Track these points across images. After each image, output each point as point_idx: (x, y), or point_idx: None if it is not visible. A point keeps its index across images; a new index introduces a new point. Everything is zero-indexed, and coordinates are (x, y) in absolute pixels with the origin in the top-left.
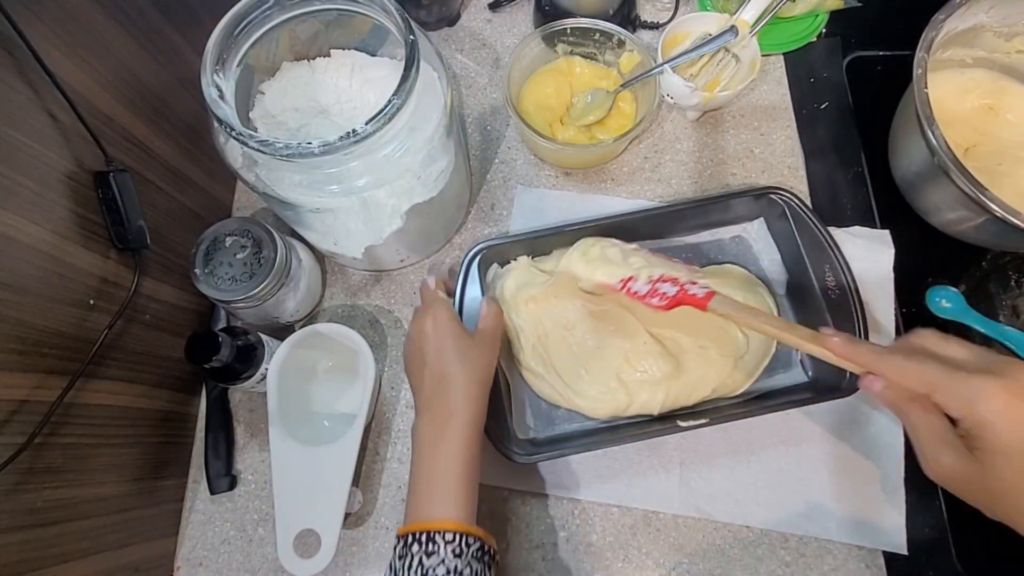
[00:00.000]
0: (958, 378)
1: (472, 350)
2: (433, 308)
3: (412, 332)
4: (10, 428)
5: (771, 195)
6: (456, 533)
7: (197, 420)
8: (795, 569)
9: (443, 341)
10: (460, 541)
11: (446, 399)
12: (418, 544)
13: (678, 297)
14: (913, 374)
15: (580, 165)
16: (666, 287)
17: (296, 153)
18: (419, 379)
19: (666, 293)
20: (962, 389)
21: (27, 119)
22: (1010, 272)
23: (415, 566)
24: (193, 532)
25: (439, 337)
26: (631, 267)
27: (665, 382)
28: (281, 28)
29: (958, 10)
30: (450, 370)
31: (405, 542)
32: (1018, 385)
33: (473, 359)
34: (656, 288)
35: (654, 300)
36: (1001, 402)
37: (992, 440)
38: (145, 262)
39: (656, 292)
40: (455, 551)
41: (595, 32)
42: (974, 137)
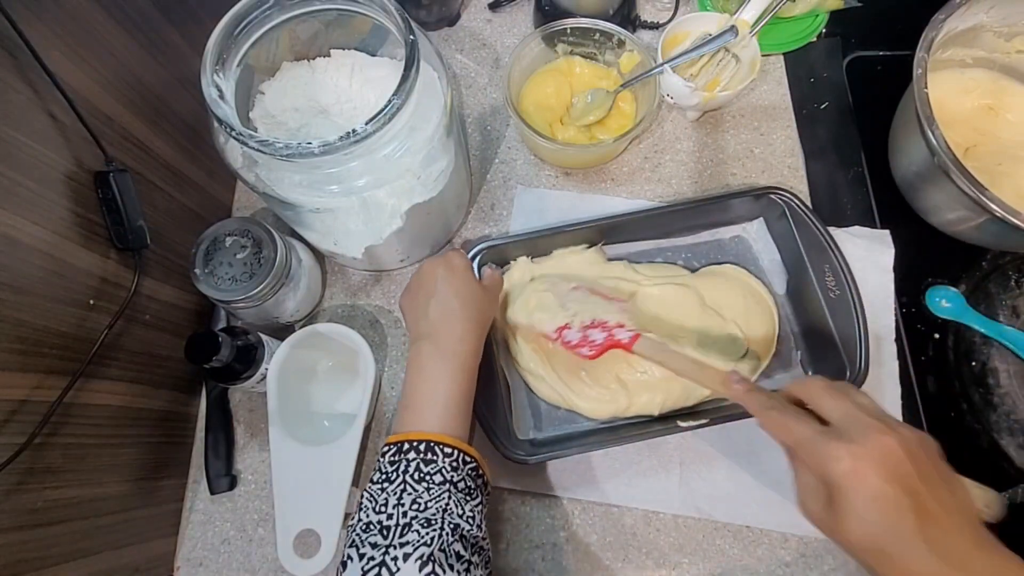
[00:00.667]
0: (817, 440)
1: (481, 297)
2: (451, 255)
3: (423, 269)
4: (10, 428)
5: (771, 195)
6: (455, 448)
7: (197, 420)
8: (795, 569)
9: (457, 281)
10: (458, 457)
11: (452, 330)
12: (415, 452)
13: (606, 344)
14: (783, 430)
15: (580, 165)
16: (595, 334)
17: (296, 153)
18: (422, 310)
19: (595, 341)
20: (818, 451)
21: (27, 119)
22: (1010, 272)
23: (411, 471)
24: (193, 532)
25: (454, 277)
26: (567, 313)
27: (664, 383)
28: (281, 28)
29: (958, 10)
30: (458, 306)
31: (399, 448)
32: (864, 450)
33: (481, 306)
34: (587, 336)
35: (583, 350)
36: (847, 466)
37: (843, 501)
38: (145, 262)
39: (586, 340)
40: (452, 464)
41: (595, 32)
42: (974, 137)
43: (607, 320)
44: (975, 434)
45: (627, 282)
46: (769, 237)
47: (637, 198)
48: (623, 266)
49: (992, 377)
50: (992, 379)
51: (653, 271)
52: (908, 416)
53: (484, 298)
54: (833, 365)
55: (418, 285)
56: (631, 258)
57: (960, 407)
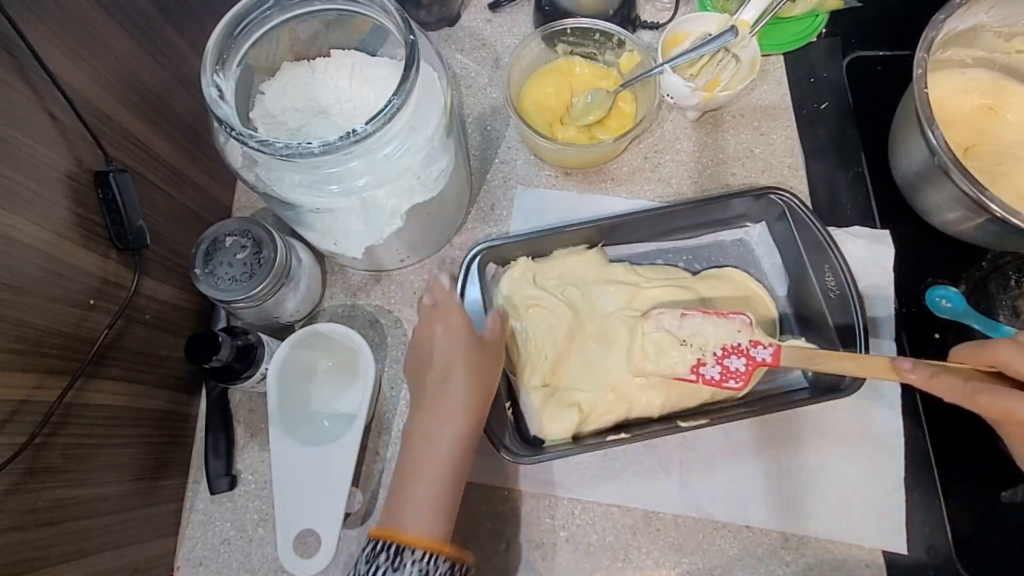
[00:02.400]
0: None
1: (481, 359)
2: (447, 311)
3: (421, 331)
4: (10, 428)
5: (771, 195)
6: (426, 552)
7: (197, 420)
8: (795, 569)
9: (454, 345)
10: (428, 561)
11: (447, 402)
12: (386, 554)
13: (749, 370)
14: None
15: (580, 165)
16: (735, 362)
17: (296, 153)
18: (420, 378)
19: (738, 370)
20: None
21: (27, 119)
22: (1010, 272)
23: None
24: (193, 532)
25: (451, 340)
26: (692, 348)
27: (664, 384)
28: (281, 28)
29: (958, 10)
30: (457, 374)
31: (374, 547)
32: None
33: (481, 369)
34: (727, 367)
35: (730, 383)
36: None
37: None
38: (145, 262)
39: (728, 373)
40: (421, 570)
41: (595, 32)
42: (974, 137)
43: (739, 343)
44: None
45: (628, 285)
46: (771, 240)
47: (637, 198)
48: (624, 267)
49: None
50: None
51: (654, 273)
52: (908, 416)
53: (485, 359)
54: None
55: (416, 346)
56: (632, 260)
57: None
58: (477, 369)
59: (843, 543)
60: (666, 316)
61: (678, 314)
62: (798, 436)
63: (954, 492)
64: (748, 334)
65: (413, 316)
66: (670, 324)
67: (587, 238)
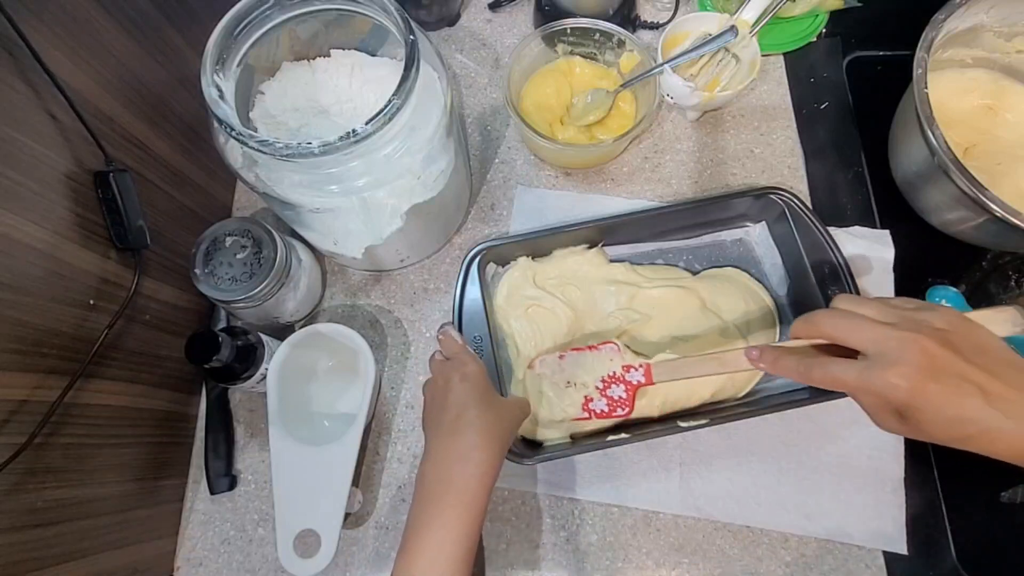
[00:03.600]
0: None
1: (499, 407)
2: (463, 361)
3: (436, 383)
4: (10, 428)
5: (771, 195)
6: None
7: (197, 420)
8: (795, 569)
9: (470, 388)
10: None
11: (461, 441)
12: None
13: (631, 396)
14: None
15: (580, 165)
16: (616, 390)
17: (296, 153)
18: (437, 425)
19: (621, 398)
20: (875, 387)
21: (27, 119)
22: (1010, 272)
23: None
24: (193, 532)
25: (466, 385)
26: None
27: (664, 386)
28: (281, 28)
29: (958, 10)
30: (470, 413)
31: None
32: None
33: (497, 413)
34: (610, 397)
35: (618, 411)
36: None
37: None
38: (145, 262)
39: (613, 402)
40: None
41: (595, 32)
42: (974, 137)
43: (614, 371)
44: None
45: (628, 285)
46: (771, 240)
47: (637, 198)
48: (624, 267)
49: None
50: None
51: (654, 273)
52: None
53: (505, 406)
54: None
55: (431, 399)
56: (632, 260)
57: None
58: (493, 409)
59: (843, 543)
60: (547, 361)
61: (556, 357)
62: (797, 436)
63: (954, 492)
64: (620, 360)
65: (413, 316)
66: (552, 369)
67: (587, 238)
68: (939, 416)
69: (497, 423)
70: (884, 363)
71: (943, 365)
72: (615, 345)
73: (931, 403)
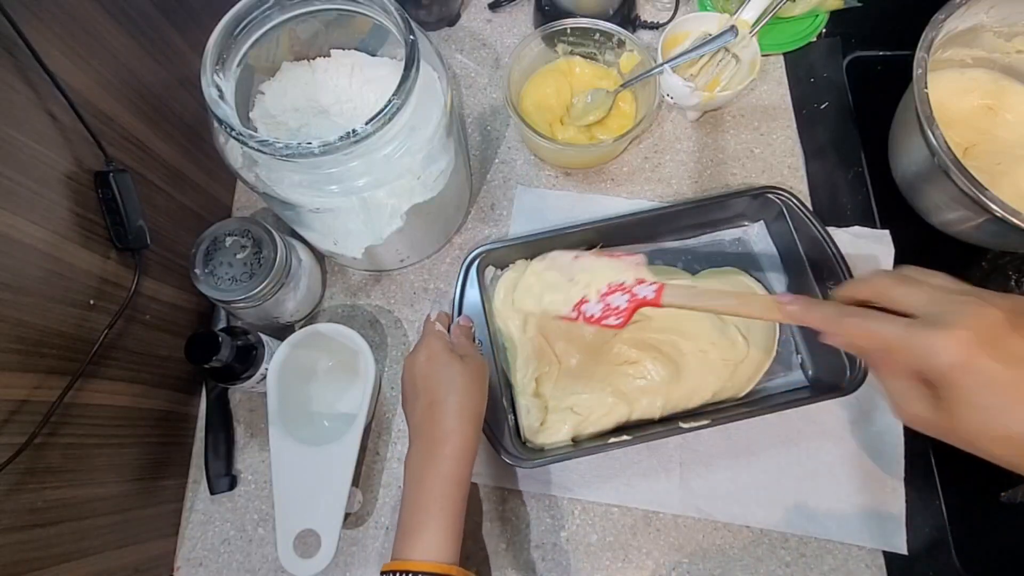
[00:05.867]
0: (911, 336)
1: (462, 376)
2: (427, 339)
3: (406, 363)
4: (10, 428)
5: (768, 194)
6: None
7: (197, 420)
8: (795, 569)
9: (435, 369)
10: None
11: (435, 425)
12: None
13: (631, 307)
14: (868, 336)
15: (580, 165)
16: (617, 299)
17: (296, 153)
18: (412, 408)
19: (619, 307)
20: (914, 347)
21: (27, 119)
22: (1010, 272)
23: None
24: (193, 532)
25: (431, 365)
26: (578, 285)
27: (665, 387)
28: (281, 28)
29: (958, 10)
30: (440, 395)
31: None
32: (967, 333)
33: (464, 386)
34: (608, 304)
35: (610, 320)
36: (953, 355)
37: (956, 395)
38: (145, 262)
39: (609, 310)
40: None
41: (595, 32)
42: (974, 137)
43: (623, 281)
44: None
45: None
46: (769, 239)
47: (637, 198)
48: None
49: None
50: None
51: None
52: None
53: (466, 375)
54: (834, 365)
55: (406, 381)
56: None
57: None
58: (460, 387)
59: (843, 543)
60: (558, 258)
61: (572, 255)
62: (798, 436)
63: (954, 492)
64: (635, 273)
65: (413, 316)
66: (562, 263)
67: (585, 240)
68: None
69: (467, 397)
70: (937, 323)
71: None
72: (642, 257)
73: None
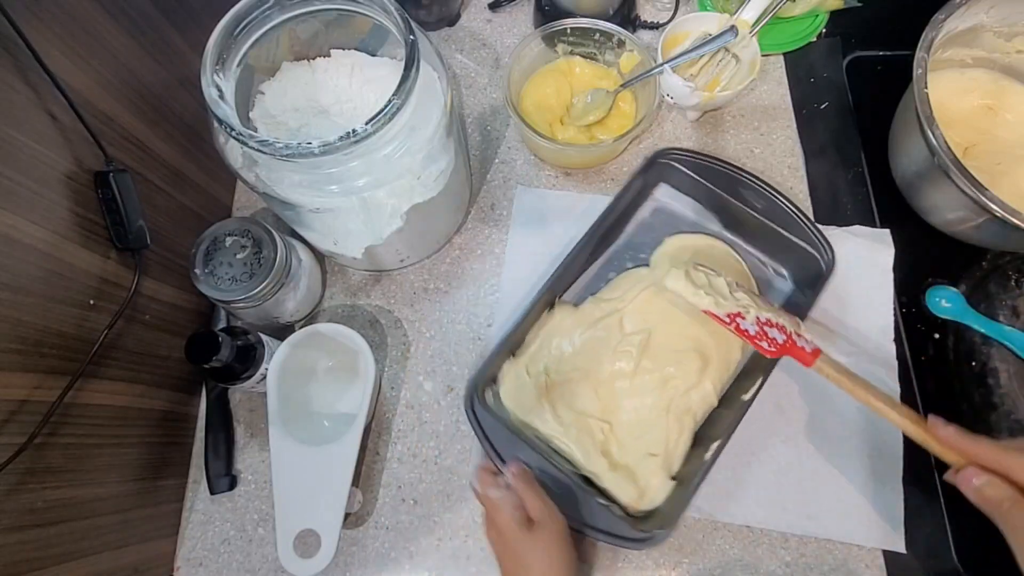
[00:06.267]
0: None
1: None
2: (489, 516)
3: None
4: (10, 428)
5: (659, 161)
6: None
7: (197, 420)
8: (795, 569)
9: (507, 548)
10: None
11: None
12: None
13: (787, 345)
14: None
15: (580, 165)
16: (775, 333)
17: (296, 153)
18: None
19: (775, 339)
20: None
21: (27, 119)
22: (1010, 272)
23: None
24: (193, 532)
25: (504, 544)
26: (738, 303)
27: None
28: (281, 28)
29: (958, 10)
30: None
31: None
32: None
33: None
34: (764, 331)
35: (763, 343)
36: None
37: None
38: (145, 262)
39: (764, 335)
40: None
41: (595, 32)
42: (974, 137)
43: (783, 324)
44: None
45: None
46: (679, 193)
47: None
48: (592, 304)
49: (992, 377)
50: (992, 379)
51: (619, 290)
52: None
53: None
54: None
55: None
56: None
57: (960, 407)
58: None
59: (843, 543)
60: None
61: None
62: (798, 436)
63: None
64: (795, 327)
65: (413, 316)
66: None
67: (546, 303)
68: None
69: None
70: None
71: None
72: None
73: None
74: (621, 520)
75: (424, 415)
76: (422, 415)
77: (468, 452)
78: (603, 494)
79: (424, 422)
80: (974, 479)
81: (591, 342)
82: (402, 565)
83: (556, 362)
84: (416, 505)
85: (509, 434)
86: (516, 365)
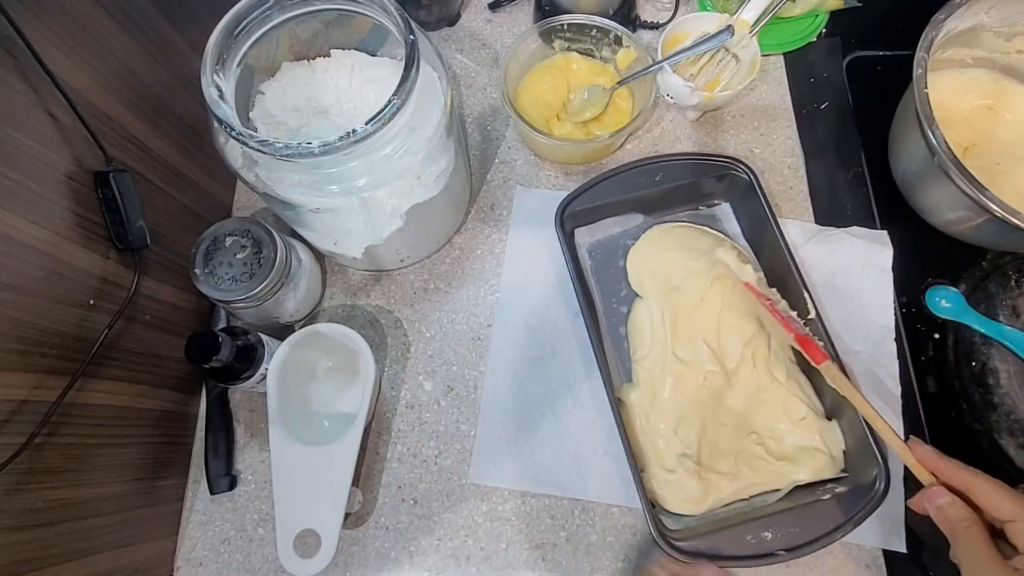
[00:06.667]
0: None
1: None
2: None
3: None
4: (10, 428)
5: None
6: None
7: (197, 420)
8: (795, 569)
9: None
10: None
11: None
12: None
13: (806, 337)
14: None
15: (577, 160)
16: (796, 326)
17: (296, 153)
18: None
19: (796, 329)
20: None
21: (27, 119)
22: (1010, 272)
23: None
24: (193, 532)
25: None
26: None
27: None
28: (281, 28)
29: (958, 10)
30: None
31: None
32: None
33: None
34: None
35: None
36: None
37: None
38: (145, 262)
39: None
40: None
41: (592, 28)
42: (974, 137)
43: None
44: (975, 434)
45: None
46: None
47: None
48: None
49: (992, 377)
50: (992, 379)
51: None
52: (908, 416)
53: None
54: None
55: None
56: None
57: (960, 407)
58: None
59: (843, 543)
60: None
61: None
62: None
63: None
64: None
65: (413, 316)
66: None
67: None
68: None
69: None
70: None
71: None
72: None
73: None
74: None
75: (424, 415)
76: (422, 415)
77: (468, 452)
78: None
79: (424, 422)
80: (939, 498)
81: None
82: (402, 565)
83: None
84: (416, 505)
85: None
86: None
